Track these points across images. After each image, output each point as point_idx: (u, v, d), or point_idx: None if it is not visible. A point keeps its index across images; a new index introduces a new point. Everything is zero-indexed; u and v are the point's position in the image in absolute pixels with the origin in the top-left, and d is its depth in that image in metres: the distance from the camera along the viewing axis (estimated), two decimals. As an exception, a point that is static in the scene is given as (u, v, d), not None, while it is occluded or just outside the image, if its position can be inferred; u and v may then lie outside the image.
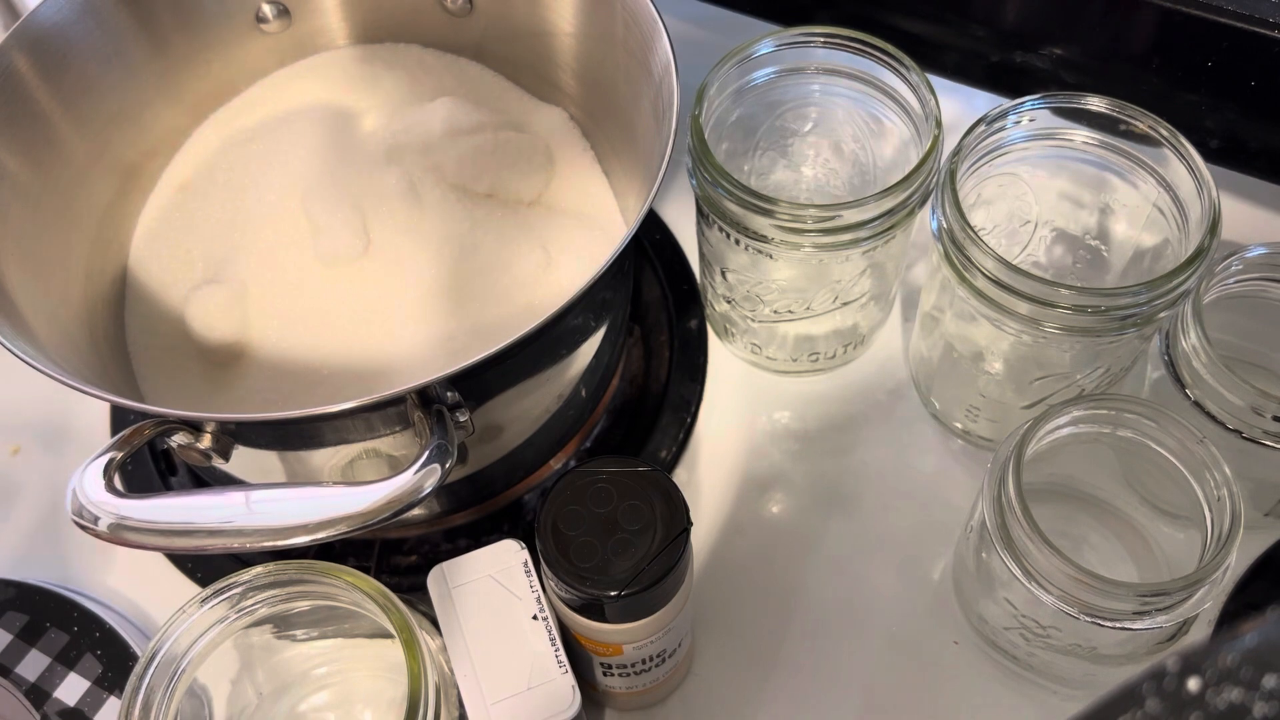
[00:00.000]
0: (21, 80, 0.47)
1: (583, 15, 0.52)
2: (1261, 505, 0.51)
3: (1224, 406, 0.46)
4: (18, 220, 0.46)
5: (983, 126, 0.49)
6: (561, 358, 0.48)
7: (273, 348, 0.49)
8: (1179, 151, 0.47)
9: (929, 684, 0.50)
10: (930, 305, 0.53)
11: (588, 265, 0.51)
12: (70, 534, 0.55)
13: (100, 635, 0.51)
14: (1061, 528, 0.51)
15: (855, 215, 0.47)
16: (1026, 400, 0.52)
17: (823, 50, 0.52)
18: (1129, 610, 0.41)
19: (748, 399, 0.58)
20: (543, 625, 0.42)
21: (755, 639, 0.51)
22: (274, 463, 0.45)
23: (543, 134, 0.56)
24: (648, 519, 0.40)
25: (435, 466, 0.38)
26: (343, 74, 0.58)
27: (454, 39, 0.58)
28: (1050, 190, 0.53)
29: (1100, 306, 0.44)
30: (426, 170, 0.52)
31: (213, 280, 0.50)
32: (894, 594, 0.52)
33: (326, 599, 0.42)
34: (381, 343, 0.49)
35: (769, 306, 0.54)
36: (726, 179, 0.48)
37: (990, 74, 0.61)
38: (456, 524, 0.54)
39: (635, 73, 0.49)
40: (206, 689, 0.43)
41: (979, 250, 0.46)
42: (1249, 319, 0.52)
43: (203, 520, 0.37)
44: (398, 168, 0.52)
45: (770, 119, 0.56)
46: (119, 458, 0.39)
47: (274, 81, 0.58)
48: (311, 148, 0.54)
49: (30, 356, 0.40)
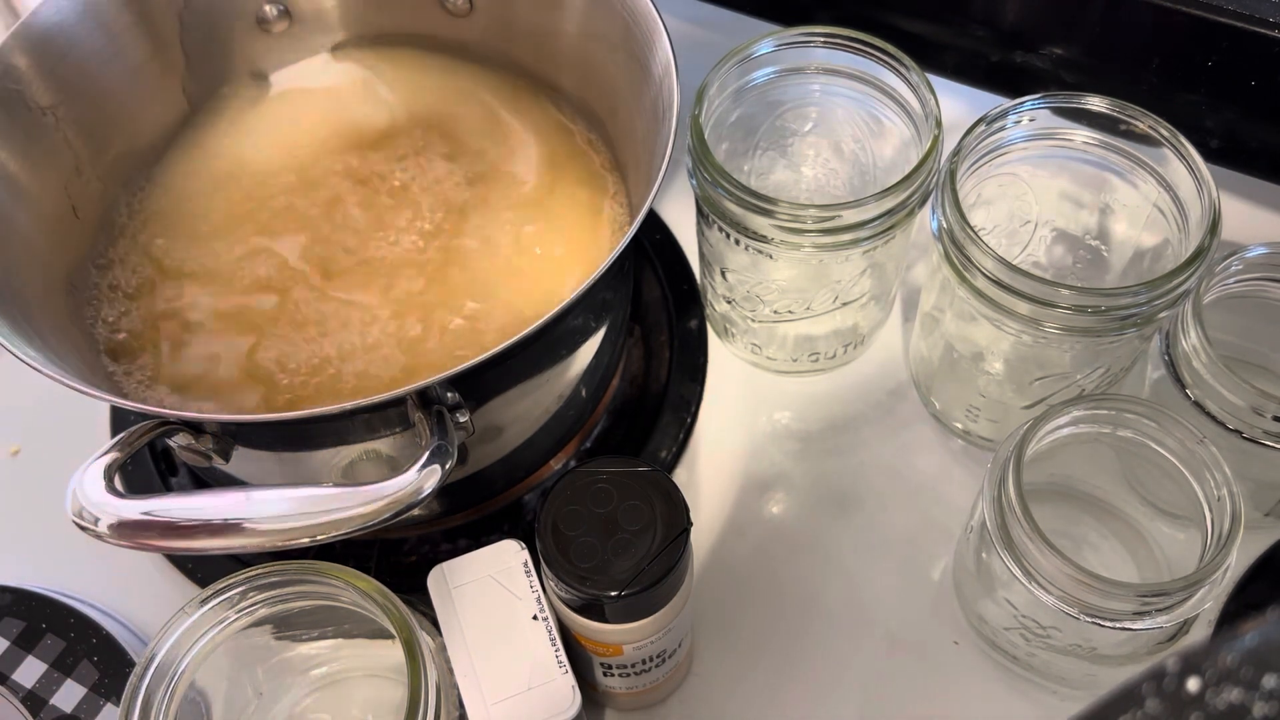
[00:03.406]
0: (22, 80, 0.47)
1: (583, 15, 0.52)
2: (1261, 505, 0.51)
3: (1224, 406, 0.46)
4: (18, 220, 0.46)
5: (983, 126, 0.49)
6: (562, 358, 0.48)
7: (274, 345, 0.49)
8: (1179, 151, 0.47)
9: (929, 684, 0.50)
10: (930, 305, 0.53)
11: (587, 266, 0.51)
12: (68, 538, 0.54)
13: (97, 641, 0.50)
14: (1062, 528, 0.51)
15: (855, 215, 0.47)
16: (1027, 400, 0.52)
17: (823, 50, 0.52)
18: (1129, 611, 0.41)
19: (748, 399, 0.58)
20: (543, 625, 0.42)
21: (755, 639, 0.51)
22: (274, 463, 0.45)
23: (521, 172, 0.55)
24: (648, 519, 0.40)
25: (435, 467, 0.38)
26: (343, 74, 0.58)
27: (454, 39, 0.58)
28: (1050, 190, 0.52)
29: (1100, 306, 0.44)
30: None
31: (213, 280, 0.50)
32: (894, 594, 0.52)
33: (326, 599, 0.42)
34: (382, 341, 0.49)
35: (769, 307, 0.54)
36: (726, 179, 0.48)
37: (990, 74, 0.61)
38: (456, 524, 0.54)
39: (635, 73, 0.49)
40: (206, 690, 0.43)
41: (979, 250, 0.46)
42: (1249, 319, 0.52)
43: (203, 521, 0.37)
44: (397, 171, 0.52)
45: (770, 119, 0.56)
46: (119, 458, 0.39)
47: (275, 81, 0.58)
48: (313, 148, 0.54)
49: (30, 357, 0.40)
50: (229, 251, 0.52)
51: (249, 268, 0.51)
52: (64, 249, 0.49)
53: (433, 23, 0.57)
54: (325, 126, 0.55)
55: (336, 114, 0.56)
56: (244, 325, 0.50)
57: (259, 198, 0.53)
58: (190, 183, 0.55)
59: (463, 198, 0.53)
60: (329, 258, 0.51)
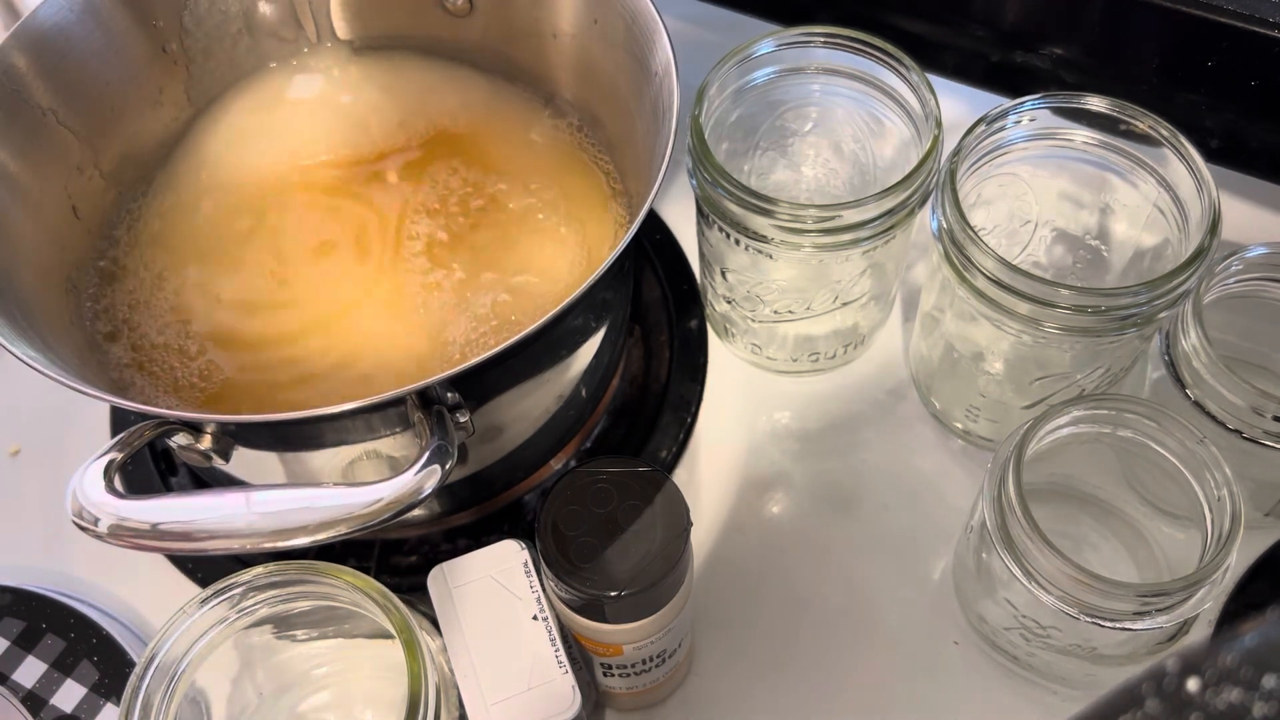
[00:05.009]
0: (22, 80, 0.47)
1: (583, 15, 0.52)
2: (1261, 505, 0.51)
3: (1224, 406, 0.46)
4: (18, 221, 0.46)
5: (983, 126, 0.49)
6: (562, 358, 0.48)
7: (274, 346, 0.49)
8: (1179, 151, 0.47)
9: (929, 684, 0.50)
10: (930, 305, 0.53)
11: (587, 266, 0.51)
12: (68, 537, 0.55)
13: (97, 641, 0.50)
14: (1062, 528, 0.51)
15: (855, 215, 0.47)
16: (1027, 400, 0.52)
17: (823, 50, 0.52)
18: (1129, 611, 0.41)
19: (748, 399, 0.58)
20: (543, 626, 0.42)
21: (755, 639, 0.51)
22: (274, 463, 0.45)
23: (522, 173, 0.55)
24: (648, 519, 0.40)
25: (435, 468, 0.38)
26: (343, 75, 0.58)
27: (454, 38, 0.58)
28: (1050, 190, 0.52)
29: (1100, 306, 0.44)
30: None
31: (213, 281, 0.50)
32: (894, 594, 0.52)
33: (326, 599, 0.42)
34: (383, 342, 0.49)
35: (769, 307, 0.54)
36: (726, 179, 0.48)
37: (990, 74, 0.61)
38: (456, 524, 0.54)
39: (635, 73, 0.49)
40: (206, 690, 0.43)
41: (979, 250, 0.46)
42: (1249, 319, 0.52)
43: (203, 521, 0.37)
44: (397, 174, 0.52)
45: (770, 119, 0.55)
46: (119, 459, 0.39)
47: (276, 83, 0.58)
48: (314, 151, 0.54)
49: (30, 357, 0.40)
50: (230, 253, 0.52)
51: (250, 269, 0.51)
52: (64, 249, 0.49)
53: (433, 23, 0.57)
54: (326, 129, 0.55)
55: (337, 116, 0.56)
56: (244, 326, 0.50)
57: (259, 200, 0.53)
58: (191, 183, 0.55)
59: (464, 198, 0.53)
60: (330, 260, 0.51)
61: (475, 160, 0.53)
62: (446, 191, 0.52)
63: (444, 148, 0.53)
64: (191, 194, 0.54)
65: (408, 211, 0.51)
